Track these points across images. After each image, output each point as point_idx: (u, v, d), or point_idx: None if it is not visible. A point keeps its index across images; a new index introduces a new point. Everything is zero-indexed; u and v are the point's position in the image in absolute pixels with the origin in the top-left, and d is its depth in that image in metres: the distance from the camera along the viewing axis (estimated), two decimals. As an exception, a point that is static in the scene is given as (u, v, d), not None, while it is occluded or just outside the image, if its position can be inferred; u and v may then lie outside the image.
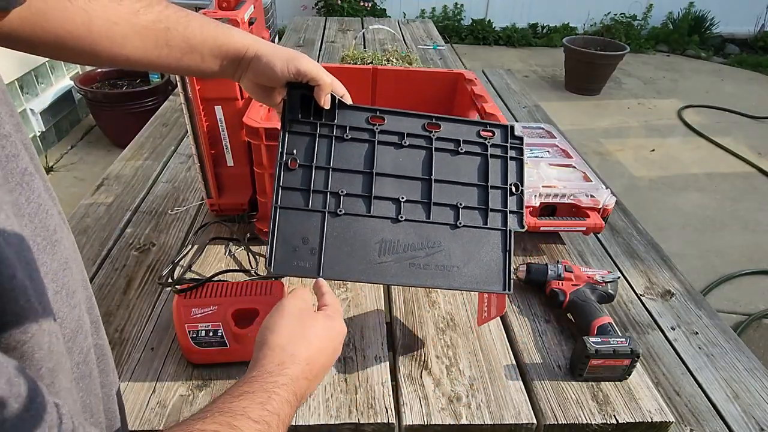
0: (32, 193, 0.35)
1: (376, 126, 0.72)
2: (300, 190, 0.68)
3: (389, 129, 0.73)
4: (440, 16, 5.69)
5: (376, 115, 0.73)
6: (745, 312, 2.20)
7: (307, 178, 0.69)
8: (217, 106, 1.01)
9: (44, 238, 0.35)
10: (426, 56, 2.36)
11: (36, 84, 3.08)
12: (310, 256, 0.65)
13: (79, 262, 0.42)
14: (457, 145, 0.74)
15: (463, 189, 0.73)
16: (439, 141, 0.74)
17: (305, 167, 0.69)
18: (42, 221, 0.35)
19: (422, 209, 0.71)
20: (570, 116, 4.03)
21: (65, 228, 0.40)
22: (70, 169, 3.02)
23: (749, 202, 3.06)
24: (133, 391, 0.75)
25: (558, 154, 1.26)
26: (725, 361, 1.13)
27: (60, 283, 0.36)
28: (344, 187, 0.69)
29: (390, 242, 0.68)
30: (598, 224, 1.06)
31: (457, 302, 0.95)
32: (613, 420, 0.75)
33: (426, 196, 0.72)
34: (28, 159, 0.35)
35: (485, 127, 0.77)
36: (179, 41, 0.62)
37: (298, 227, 0.67)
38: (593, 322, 0.85)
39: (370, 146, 0.72)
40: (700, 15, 5.74)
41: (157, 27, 0.60)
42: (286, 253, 0.65)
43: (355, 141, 0.72)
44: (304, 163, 0.69)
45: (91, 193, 1.28)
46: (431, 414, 0.74)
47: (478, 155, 0.75)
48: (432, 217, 0.71)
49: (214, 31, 0.65)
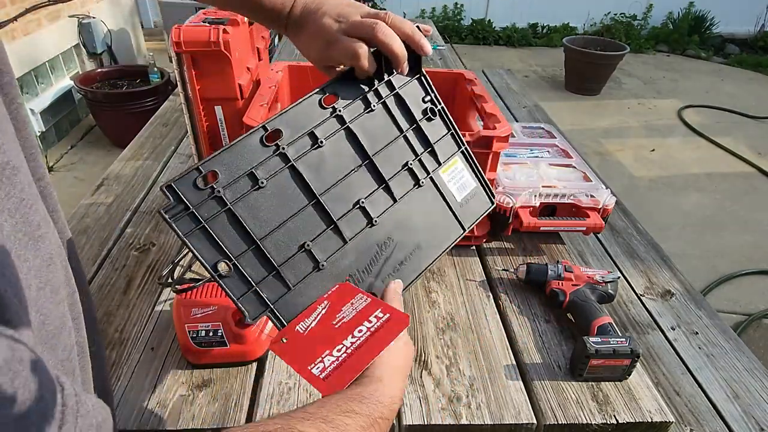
0: (13, 188, 0.34)
1: (281, 146, 0.56)
2: (265, 279, 0.55)
3: (295, 136, 0.58)
4: (440, 16, 5.69)
5: (268, 133, 0.56)
6: (745, 312, 2.20)
7: (262, 260, 0.55)
8: (217, 106, 1.01)
9: (26, 233, 0.35)
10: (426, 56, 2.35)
11: (36, 84, 3.08)
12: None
13: (64, 258, 0.42)
14: (366, 104, 0.63)
15: (400, 144, 0.64)
16: (347, 110, 0.61)
17: (248, 251, 0.54)
18: (24, 216, 0.35)
19: (384, 193, 0.62)
20: (570, 116, 4.03)
21: (51, 224, 0.40)
22: (70, 169, 3.02)
23: (749, 202, 3.06)
24: (133, 391, 0.75)
25: (558, 154, 1.26)
26: (725, 361, 1.13)
27: (44, 279, 0.36)
28: (303, 236, 0.57)
29: (351, 278, 0.59)
30: (598, 224, 1.06)
31: (457, 302, 0.95)
32: (613, 420, 0.75)
33: (378, 178, 0.62)
34: (12, 152, 0.35)
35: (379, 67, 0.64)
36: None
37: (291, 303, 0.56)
38: (593, 322, 0.85)
39: (292, 172, 0.57)
40: (700, 15, 5.75)
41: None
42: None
43: (273, 177, 0.56)
44: (244, 248, 0.54)
45: (91, 193, 1.28)
46: (431, 414, 0.74)
47: (390, 96, 0.65)
48: (396, 194, 0.63)
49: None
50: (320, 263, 0.57)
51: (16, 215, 0.34)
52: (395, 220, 0.63)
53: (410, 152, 0.65)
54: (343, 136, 0.61)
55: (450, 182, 0.67)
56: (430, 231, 0.65)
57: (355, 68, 0.61)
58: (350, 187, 0.61)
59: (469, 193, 0.69)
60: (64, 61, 3.37)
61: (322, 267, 0.57)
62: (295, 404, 0.74)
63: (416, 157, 0.65)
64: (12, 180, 0.34)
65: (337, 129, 0.61)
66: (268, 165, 0.56)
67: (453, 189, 0.67)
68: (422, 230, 0.64)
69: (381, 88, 0.64)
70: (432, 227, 0.65)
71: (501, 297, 0.97)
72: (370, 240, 0.61)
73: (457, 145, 0.69)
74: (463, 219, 0.67)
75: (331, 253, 0.58)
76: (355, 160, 0.61)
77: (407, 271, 0.62)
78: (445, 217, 0.66)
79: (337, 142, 0.61)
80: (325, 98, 0.61)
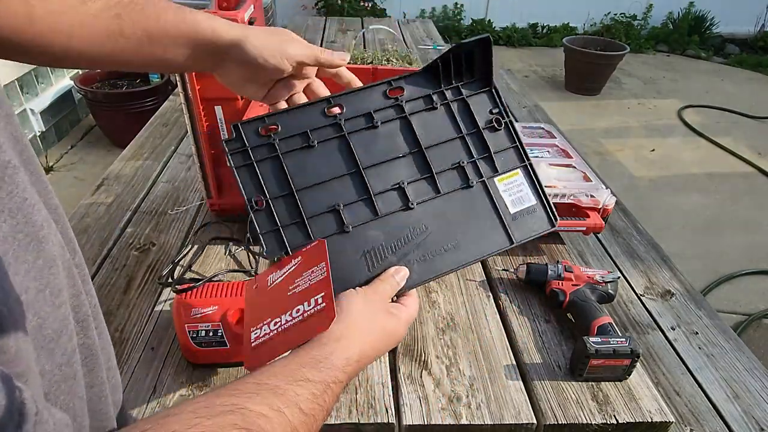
0: (16, 188, 0.33)
1: (339, 117, 0.63)
2: (291, 225, 0.59)
3: (353, 114, 0.63)
4: (440, 16, 5.69)
5: (331, 105, 0.63)
6: (745, 312, 2.20)
7: (293, 208, 0.59)
8: (217, 106, 1.01)
9: (27, 234, 0.34)
10: (426, 56, 2.36)
11: (36, 84, 3.08)
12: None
13: (67, 259, 0.41)
14: (429, 101, 0.66)
15: (456, 144, 0.66)
16: (409, 104, 0.65)
17: (284, 197, 0.60)
18: (27, 216, 0.34)
19: (427, 184, 0.63)
20: (570, 116, 4.03)
21: (54, 225, 0.39)
22: (70, 169, 3.02)
23: (749, 202, 3.06)
24: (133, 391, 0.75)
25: (558, 154, 1.26)
26: (725, 361, 1.13)
27: (44, 281, 0.35)
28: (338, 199, 0.61)
29: (374, 250, 0.60)
30: (598, 224, 1.06)
31: (457, 302, 0.95)
32: (613, 420, 0.75)
33: (425, 169, 0.64)
34: (12, 152, 0.34)
35: (448, 72, 0.67)
36: (134, 30, 0.55)
37: None
38: (593, 322, 0.85)
39: (342, 142, 0.62)
40: (700, 15, 5.74)
41: (107, 15, 0.54)
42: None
43: (324, 142, 0.62)
44: (281, 193, 0.59)
45: (91, 193, 1.28)
46: (431, 414, 0.74)
47: (455, 101, 0.67)
48: (441, 188, 0.63)
49: (174, 16, 0.57)
50: (346, 226, 0.60)
51: (17, 215, 0.33)
52: (435, 211, 0.63)
53: (465, 154, 0.66)
54: (399, 125, 0.64)
55: (505, 192, 0.66)
56: (473, 233, 0.64)
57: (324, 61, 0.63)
58: (395, 169, 0.63)
59: (526, 208, 0.67)
60: (64, 61, 3.36)
61: (346, 230, 0.60)
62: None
63: (470, 159, 0.66)
64: (13, 179, 0.33)
65: (395, 117, 0.64)
66: (322, 131, 0.62)
67: (507, 199, 0.66)
68: (464, 230, 0.63)
69: (447, 92, 0.67)
70: (475, 230, 0.64)
71: (501, 297, 0.97)
72: (403, 222, 0.62)
73: (520, 160, 0.68)
74: (514, 232, 0.65)
75: (360, 222, 0.60)
76: (405, 148, 0.64)
77: (438, 263, 0.61)
78: (492, 225, 0.65)
79: (393, 128, 0.64)
80: (391, 90, 0.65)
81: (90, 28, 0.53)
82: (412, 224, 0.62)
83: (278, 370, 0.43)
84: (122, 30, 0.55)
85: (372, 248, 0.60)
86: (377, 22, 2.87)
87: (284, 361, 0.45)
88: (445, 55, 0.65)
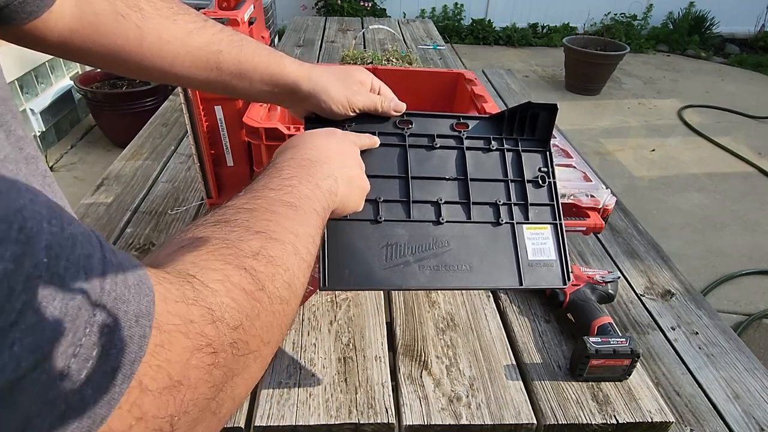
0: (38, 170, 0.34)
1: (405, 129, 0.71)
2: None
3: (419, 132, 0.72)
4: (440, 16, 5.69)
5: (404, 119, 0.72)
6: (745, 312, 2.20)
7: None
8: (217, 106, 1.01)
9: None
10: (426, 56, 2.36)
11: (36, 84, 3.08)
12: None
13: None
14: (487, 143, 0.73)
15: (498, 186, 0.72)
16: (469, 140, 0.73)
17: None
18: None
19: (462, 210, 0.69)
20: (570, 116, 4.04)
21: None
22: (70, 169, 3.02)
23: (749, 202, 3.06)
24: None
25: (558, 154, 1.26)
26: (725, 361, 1.13)
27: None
28: (380, 194, 0.67)
29: (396, 246, 0.65)
30: (598, 224, 1.06)
31: (457, 302, 0.95)
32: (613, 420, 0.75)
33: (464, 196, 0.69)
34: (9, 149, 0.35)
35: (512, 124, 0.75)
36: (230, 65, 0.62)
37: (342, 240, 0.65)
38: (593, 322, 0.85)
39: (401, 150, 0.70)
40: (700, 15, 5.75)
41: (209, 49, 0.60)
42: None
43: (386, 146, 0.70)
44: None
45: (91, 193, 1.28)
46: (431, 414, 0.74)
47: (510, 151, 0.74)
48: (472, 216, 0.69)
49: (266, 58, 0.65)
50: (379, 216, 0.66)
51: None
52: (460, 234, 0.67)
53: (504, 196, 0.71)
54: (454, 153, 0.72)
55: (529, 240, 0.70)
56: (488, 264, 0.67)
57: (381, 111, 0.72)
58: (437, 188, 0.69)
59: (545, 260, 0.69)
60: (64, 61, 3.37)
61: (378, 220, 0.65)
62: (295, 404, 0.74)
63: (507, 202, 0.70)
64: (34, 169, 0.34)
65: (453, 146, 0.72)
66: (388, 137, 0.71)
67: (529, 247, 0.69)
68: (480, 258, 0.67)
69: (506, 141, 0.74)
70: (491, 262, 0.67)
71: (501, 297, 0.97)
72: (429, 232, 0.67)
73: (553, 218, 0.71)
74: (525, 276, 0.67)
75: (392, 218, 0.66)
76: (453, 173, 0.71)
77: (448, 277, 0.65)
78: (508, 263, 0.67)
79: (448, 154, 0.72)
80: (458, 124, 0.73)
81: (192, 59, 0.60)
82: (437, 237, 0.66)
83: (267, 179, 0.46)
84: (219, 64, 0.62)
85: (395, 243, 0.65)
86: (377, 22, 2.87)
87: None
88: (514, 109, 0.72)
